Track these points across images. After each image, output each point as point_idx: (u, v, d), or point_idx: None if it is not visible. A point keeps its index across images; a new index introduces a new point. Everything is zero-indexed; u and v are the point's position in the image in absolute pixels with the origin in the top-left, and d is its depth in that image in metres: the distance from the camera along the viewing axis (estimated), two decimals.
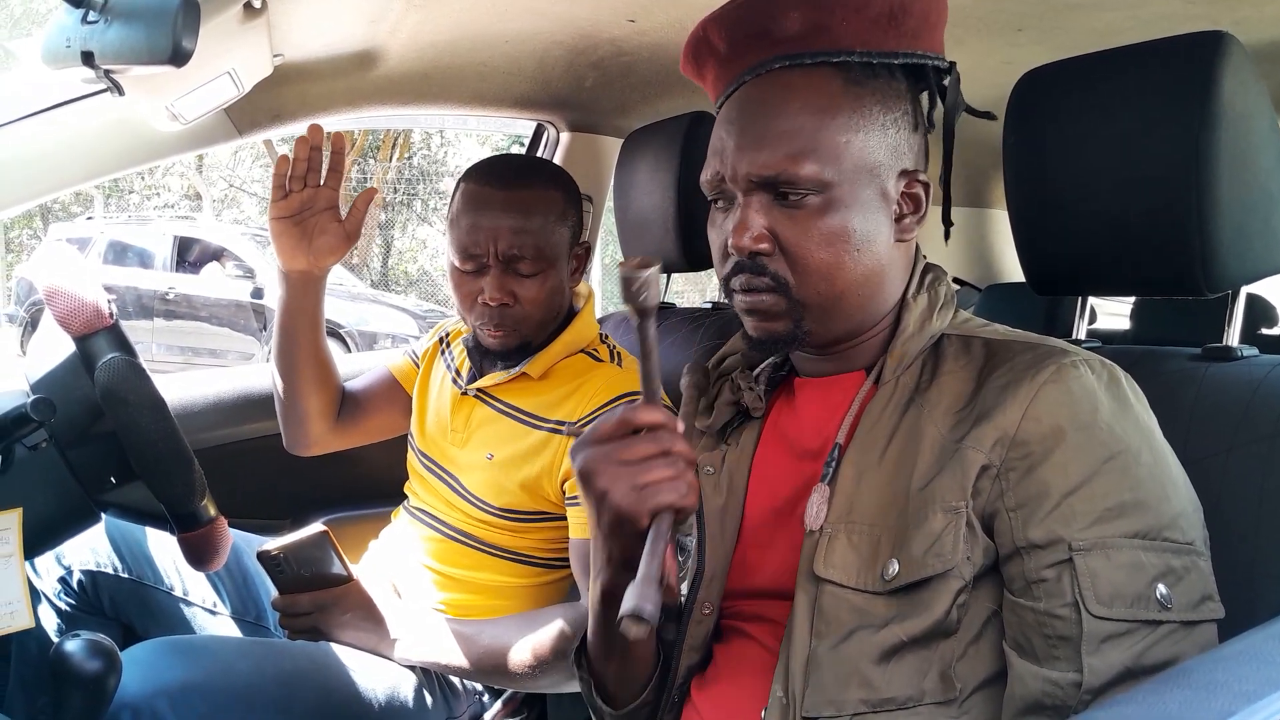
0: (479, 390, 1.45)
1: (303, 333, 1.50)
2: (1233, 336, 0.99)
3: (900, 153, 0.88)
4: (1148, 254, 0.96)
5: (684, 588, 0.98)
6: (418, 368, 1.62)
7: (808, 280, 0.87)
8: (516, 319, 1.37)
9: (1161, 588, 0.73)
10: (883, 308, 0.92)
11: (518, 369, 1.41)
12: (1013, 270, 2.85)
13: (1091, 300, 1.16)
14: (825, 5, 0.85)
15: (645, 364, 0.81)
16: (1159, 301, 2.59)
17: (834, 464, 0.87)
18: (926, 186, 0.90)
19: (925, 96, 0.93)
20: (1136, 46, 0.97)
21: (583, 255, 1.46)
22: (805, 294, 0.87)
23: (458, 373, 1.52)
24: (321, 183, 1.40)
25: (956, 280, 2.72)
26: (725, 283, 0.92)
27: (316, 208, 1.40)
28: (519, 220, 1.33)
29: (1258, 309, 2.85)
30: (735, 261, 0.89)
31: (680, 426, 0.80)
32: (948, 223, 0.96)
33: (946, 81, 0.91)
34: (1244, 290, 0.99)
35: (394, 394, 1.63)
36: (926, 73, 0.89)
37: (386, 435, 1.64)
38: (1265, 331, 2.91)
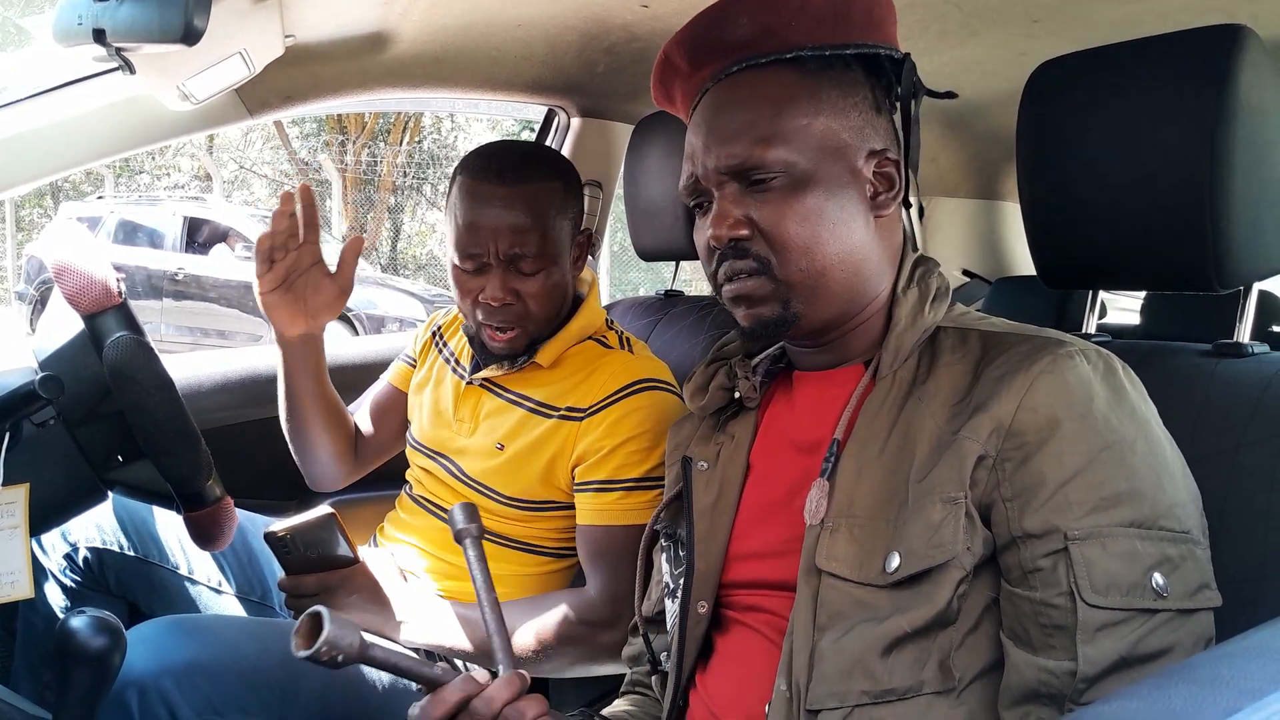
0: (485, 380, 1.43)
1: (309, 387, 1.48)
2: (1244, 333, 0.99)
3: (865, 134, 0.91)
4: (1160, 248, 0.95)
5: (680, 582, 0.99)
6: (413, 367, 1.61)
7: (788, 258, 0.88)
8: (521, 316, 1.34)
9: (1157, 576, 0.73)
10: (869, 291, 0.92)
11: (526, 359, 1.39)
12: (1024, 263, 2.84)
13: (1102, 295, 1.16)
14: (772, 7, 0.90)
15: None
16: (1170, 297, 2.57)
17: (833, 459, 0.87)
18: (898, 165, 0.91)
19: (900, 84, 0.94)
20: (1153, 39, 0.96)
21: (584, 243, 1.43)
22: (788, 273, 0.89)
23: (458, 362, 1.51)
24: (301, 241, 1.37)
25: (966, 273, 2.70)
26: (714, 280, 0.94)
27: (302, 267, 1.38)
28: (520, 218, 1.29)
29: (1269, 306, 2.83)
30: (719, 253, 0.91)
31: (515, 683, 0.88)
32: (906, 204, 0.96)
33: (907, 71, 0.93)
34: (1256, 287, 0.99)
35: (401, 405, 1.62)
36: (881, 63, 0.92)
37: (405, 446, 1.64)
38: (1277, 328, 2.89)
